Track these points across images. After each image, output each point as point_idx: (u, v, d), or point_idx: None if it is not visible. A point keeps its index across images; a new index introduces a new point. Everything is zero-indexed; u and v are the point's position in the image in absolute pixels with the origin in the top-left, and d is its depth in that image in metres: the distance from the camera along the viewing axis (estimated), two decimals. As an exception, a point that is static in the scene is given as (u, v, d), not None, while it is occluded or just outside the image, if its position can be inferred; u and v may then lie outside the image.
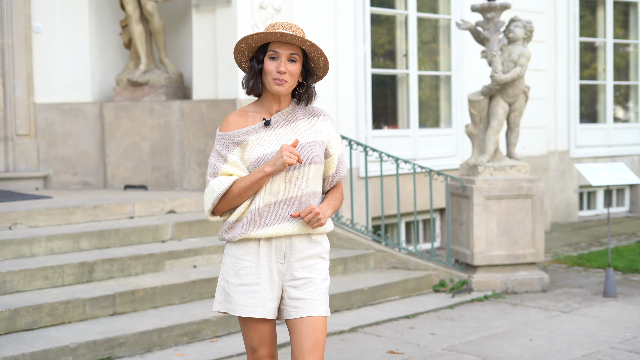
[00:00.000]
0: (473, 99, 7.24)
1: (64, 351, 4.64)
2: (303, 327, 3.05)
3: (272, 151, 3.07)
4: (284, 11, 7.55)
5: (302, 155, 3.08)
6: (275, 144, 3.09)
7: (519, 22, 7.14)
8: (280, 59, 3.05)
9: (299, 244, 3.11)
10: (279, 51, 3.05)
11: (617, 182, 6.92)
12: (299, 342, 3.05)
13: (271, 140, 3.09)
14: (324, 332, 3.08)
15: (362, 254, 7.00)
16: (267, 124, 3.10)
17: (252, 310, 3.09)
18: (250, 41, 3.08)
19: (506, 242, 6.99)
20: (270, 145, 3.08)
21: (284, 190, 3.08)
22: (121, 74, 8.13)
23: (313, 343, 3.04)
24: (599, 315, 6.10)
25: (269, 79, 3.07)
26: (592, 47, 11.71)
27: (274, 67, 3.05)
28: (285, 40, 3.05)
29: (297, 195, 3.09)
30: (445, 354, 5.17)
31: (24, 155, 7.97)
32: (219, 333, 5.37)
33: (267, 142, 3.09)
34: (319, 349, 3.05)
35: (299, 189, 3.09)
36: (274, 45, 3.06)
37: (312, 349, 3.03)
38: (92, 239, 6.07)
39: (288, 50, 3.06)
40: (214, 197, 3.07)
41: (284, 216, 3.07)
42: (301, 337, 3.05)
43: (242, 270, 3.11)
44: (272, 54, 3.06)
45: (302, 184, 3.09)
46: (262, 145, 3.08)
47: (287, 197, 3.08)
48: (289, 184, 3.08)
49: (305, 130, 3.14)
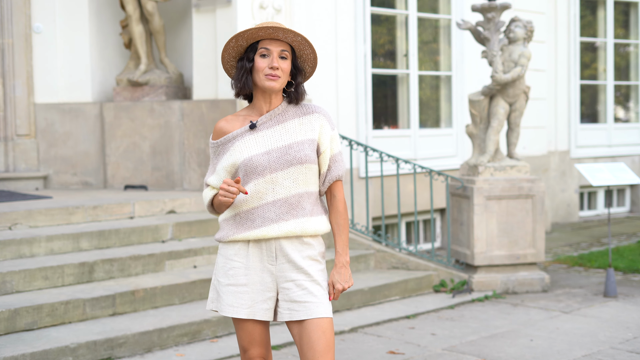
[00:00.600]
0: (473, 99, 7.23)
1: (64, 351, 4.64)
2: (312, 330, 3.02)
3: (258, 153, 3.06)
4: (284, 11, 7.55)
5: (289, 155, 3.05)
6: (262, 145, 3.07)
7: (520, 22, 7.14)
8: (271, 56, 3.04)
9: (289, 246, 3.08)
10: (270, 48, 3.05)
11: (618, 182, 6.91)
12: (310, 346, 3.02)
13: (257, 142, 3.08)
14: (332, 333, 3.06)
15: (362, 254, 7.00)
16: (253, 127, 3.09)
17: (238, 310, 3.08)
18: (241, 40, 3.07)
19: (507, 243, 6.98)
20: (256, 147, 3.07)
21: (272, 192, 3.06)
22: (121, 74, 8.12)
23: (325, 345, 3.01)
24: (600, 316, 6.10)
25: (260, 76, 3.05)
26: (593, 47, 11.70)
27: (266, 64, 3.04)
28: (276, 36, 3.04)
29: (285, 197, 3.06)
30: (445, 354, 5.16)
31: (24, 155, 7.96)
32: (219, 333, 5.37)
33: (253, 145, 3.08)
34: (330, 350, 3.03)
35: (287, 190, 3.06)
36: (265, 43, 3.05)
37: (324, 351, 3.01)
38: (92, 239, 6.07)
39: (279, 47, 3.05)
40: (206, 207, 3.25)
41: (272, 218, 3.05)
42: (312, 341, 3.01)
43: (231, 270, 3.11)
44: (263, 51, 3.05)
45: (290, 184, 3.07)
46: (249, 148, 3.08)
47: (275, 199, 3.06)
48: (276, 185, 3.06)
49: (295, 130, 3.11)
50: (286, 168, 3.06)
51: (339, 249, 3.16)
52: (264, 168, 3.05)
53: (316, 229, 3.11)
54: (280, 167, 3.05)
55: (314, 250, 3.12)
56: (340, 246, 3.16)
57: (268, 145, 3.07)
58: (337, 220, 3.19)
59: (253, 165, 3.05)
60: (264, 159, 3.05)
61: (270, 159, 3.05)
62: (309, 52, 3.12)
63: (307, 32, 7.70)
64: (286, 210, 3.06)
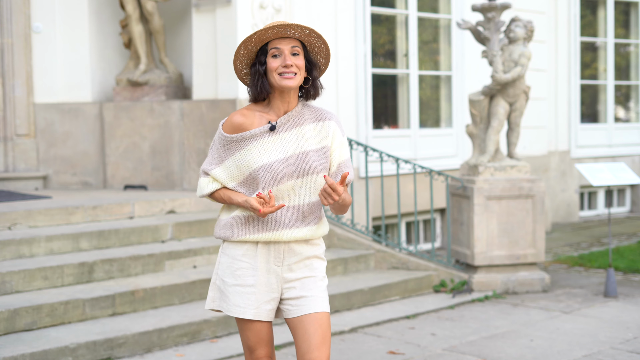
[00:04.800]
0: (474, 99, 7.23)
1: (63, 352, 4.63)
2: (309, 323, 3.04)
3: (278, 159, 3.03)
4: (284, 11, 7.54)
5: (306, 164, 3.04)
6: (280, 150, 3.05)
7: (520, 22, 7.13)
8: (283, 54, 3.02)
9: (298, 248, 3.11)
10: (280, 47, 3.02)
11: (618, 182, 6.91)
12: (305, 338, 3.03)
13: (275, 146, 3.05)
14: (329, 327, 3.08)
15: (362, 254, 6.99)
16: (273, 129, 3.06)
17: (245, 311, 3.08)
18: (249, 44, 3.04)
19: (507, 243, 6.97)
20: (275, 153, 3.04)
21: (287, 199, 3.06)
22: (121, 74, 8.12)
23: (321, 338, 3.03)
24: (600, 316, 6.09)
25: (275, 77, 3.02)
26: (593, 47, 11.70)
27: (279, 63, 3.01)
28: (284, 34, 3.01)
29: (299, 205, 3.08)
30: (445, 354, 5.16)
31: (23, 155, 7.96)
32: (218, 333, 5.36)
33: (272, 148, 3.05)
34: (325, 344, 3.04)
35: (302, 199, 3.08)
36: (274, 43, 3.03)
37: (319, 344, 3.02)
38: (91, 239, 6.06)
39: (289, 45, 3.03)
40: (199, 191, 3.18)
41: (285, 223, 3.06)
42: (308, 333, 3.03)
43: (239, 271, 3.10)
44: (274, 52, 3.03)
45: (305, 193, 3.08)
46: (267, 152, 3.04)
47: (290, 205, 3.07)
48: (292, 193, 3.06)
49: (310, 136, 3.10)
50: (302, 177, 3.06)
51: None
52: (283, 175, 3.03)
53: (323, 231, 3.17)
54: (297, 175, 3.05)
55: (320, 249, 3.19)
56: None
57: (287, 152, 3.05)
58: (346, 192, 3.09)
59: (273, 173, 3.03)
60: (283, 167, 3.03)
61: (288, 166, 3.04)
62: (320, 44, 3.09)
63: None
64: (299, 218, 3.08)
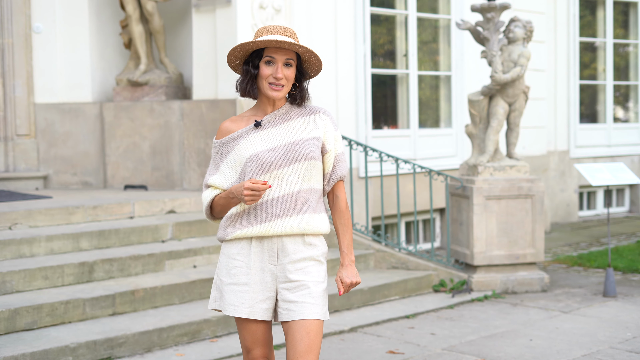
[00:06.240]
0: (473, 99, 7.24)
1: (64, 351, 4.64)
2: (297, 330, 3.03)
3: (263, 149, 3.07)
4: (284, 11, 7.55)
5: (294, 152, 3.07)
6: (267, 142, 3.09)
7: (519, 22, 7.14)
8: (276, 65, 3.05)
9: (292, 246, 3.09)
10: (275, 57, 3.05)
11: (617, 182, 6.92)
12: (292, 345, 3.03)
13: (262, 139, 3.10)
14: (318, 335, 3.05)
15: (362, 254, 7.00)
16: (258, 125, 3.12)
17: (238, 310, 3.09)
18: (247, 47, 3.07)
19: (506, 242, 6.99)
20: (262, 144, 3.09)
21: (277, 188, 3.07)
22: (121, 74, 8.13)
23: (307, 346, 3.01)
24: (599, 315, 6.10)
25: (264, 84, 3.07)
26: (592, 47, 11.71)
27: (271, 72, 3.05)
28: (282, 47, 3.05)
29: (289, 192, 3.08)
30: (445, 354, 5.17)
31: (24, 155, 7.97)
32: (219, 333, 5.37)
33: (259, 142, 3.10)
34: (312, 352, 3.01)
35: (292, 186, 3.08)
36: (270, 51, 3.06)
37: (305, 352, 3.00)
38: (92, 239, 6.07)
39: (284, 56, 3.06)
40: (203, 207, 3.21)
41: (276, 213, 3.06)
42: (295, 340, 3.02)
43: (233, 269, 3.12)
44: (268, 59, 3.06)
45: (295, 180, 3.08)
46: (254, 145, 3.09)
47: (280, 195, 3.07)
48: (281, 181, 3.07)
49: (300, 128, 3.13)
50: (291, 164, 3.07)
51: (344, 248, 3.18)
52: (269, 164, 3.06)
53: (319, 227, 3.12)
54: (286, 163, 3.07)
55: (317, 250, 3.14)
56: (345, 245, 3.18)
57: (273, 142, 3.09)
58: (341, 220, 3.20)
59: (259, 161, 3.06)
60: (269, 155, 3.07)
61: (275, 155, 3.07)
62: (314, 60, 3.13)
63: (307, 32, 7.71)
64: (290, 206, 3.07)
